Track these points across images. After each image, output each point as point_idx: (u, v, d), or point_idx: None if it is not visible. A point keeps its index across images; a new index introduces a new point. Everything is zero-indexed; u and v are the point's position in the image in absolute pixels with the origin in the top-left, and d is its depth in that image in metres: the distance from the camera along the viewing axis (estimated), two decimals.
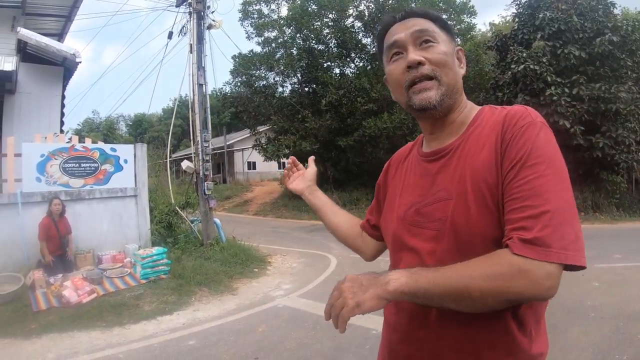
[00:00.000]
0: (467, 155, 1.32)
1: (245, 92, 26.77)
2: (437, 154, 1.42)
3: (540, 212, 1.11)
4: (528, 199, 1.13)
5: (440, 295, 1.13)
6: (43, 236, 8.36)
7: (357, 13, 24.98)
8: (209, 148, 11.44)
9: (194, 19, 11.43)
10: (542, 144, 1.19)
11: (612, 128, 16.93)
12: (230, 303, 7.76)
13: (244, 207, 27.67)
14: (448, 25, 1.46)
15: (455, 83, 1.40)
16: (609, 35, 16.82)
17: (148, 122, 70.11)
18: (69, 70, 12.56)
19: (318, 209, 2.05)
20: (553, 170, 1.16)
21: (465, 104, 1.46)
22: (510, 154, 1.20)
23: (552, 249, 1.08)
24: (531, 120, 1.23)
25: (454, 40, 1.46)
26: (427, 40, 1.38)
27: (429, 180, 1.41)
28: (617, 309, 6.29)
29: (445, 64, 1.37)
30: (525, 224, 1.11)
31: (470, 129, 1.38)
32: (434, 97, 1.36)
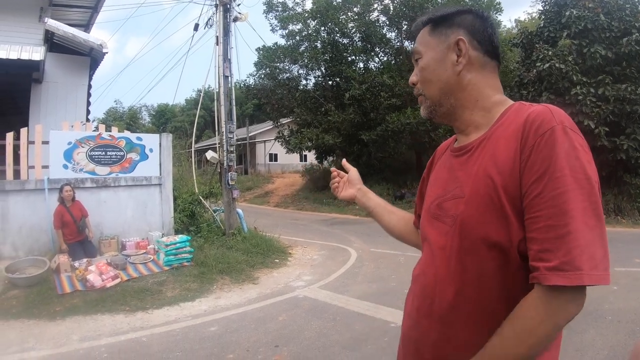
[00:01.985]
0: (485, 156, 1.30)
1: (268, 84, 26.85)
2: (461, 150, 1.43)
3: (566, 232, 1.09)
4: (552, 217, 1.12)
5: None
6: (58, 224, 8.45)
7: (382, 7, 24.84)
8: (233, 139, 11.51)
9: (220, 11, 11.48)
10: (565, 154, 1.14)
11: (638, 130, 16.52)
12: (252, 292, 7.84)
13: (265, 199, 27.77)
14: (442, 21, 1.45)
15: (441, 91, 1.43)
16: (636, 35, 16.44)
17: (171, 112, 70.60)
18: (95, 61, 12.70)
19: (371, 210, 2.04)
20: (577, 183, 1.12)
21: (485, 100, 1.41)
22: (533, 165, 1.17)
23: (583, 272, 1.08)
24: (554, 126, 1.17)
25: (455, 31, 1.41)
26: (417, 59, 1.49)
27: (452, 175, 1.42)
28: (635, 313, 6.21)
29: (424, 80, 1.47)
30: (551, 246, 1.11)
31: (494, 127, 1.35)
32: (423, 112, 1.53)
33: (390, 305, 6.82)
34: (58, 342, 5.48)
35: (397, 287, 7.95)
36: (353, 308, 6.80)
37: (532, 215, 1.15)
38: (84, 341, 5.53)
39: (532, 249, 1.15)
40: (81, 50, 11.99)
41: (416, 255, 1.56)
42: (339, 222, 17.94)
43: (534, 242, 1.14)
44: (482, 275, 1.23)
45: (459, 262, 1.28)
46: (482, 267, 1.23)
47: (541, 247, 1.12)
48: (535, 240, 1.14)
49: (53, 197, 8.71)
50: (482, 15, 1.44)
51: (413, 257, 10.03)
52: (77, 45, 11.68)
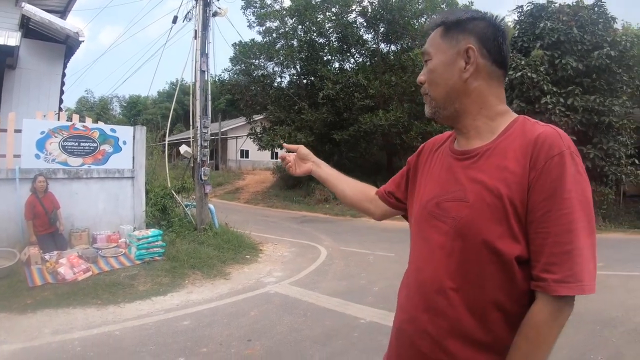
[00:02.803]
0: (492, 165, 1.37)
1: (243, 80, 26.83)
2: (464, 154, 1.48)
3: (571, 249, 1.23)
4: (560, 234, 1.24)
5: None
6: (29, 215, 8.35)
7: (360, 9, 24.95)
8: (207, 134, 11.51)
9: (200, 5, 11.45)
10: (572, 178, 1.26)
11: (604, 140, 17.03)
12: (223, 287, 7.89)
13: (236, 195, 27.70)
14: (459, 24, 1.48)
15: (446, 95, 1.49)
16: (607, 49, 16.90)
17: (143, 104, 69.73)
18: (70, 49, 12.52)
19: (326, 180, 2.14)
20: (581, 204, 1.26)
21: (490, 109, 1.48)
22: (543, 185, 1.28)
23: (584, 283, 1.22)
24: (563, 151, 1.28)
25: (466, 37, 1.45)
26: (427, 60, 1.54)
27: (452, 177, 1.47)
28: (596, 313, 6.41)
29: (431, 81, 1.52)
30: (557, 260, 1.24)
31: (500, 137, 1.42)
32: (427, 111, 1.59)
33: (360, 302, 6.94)
34: (30, 336, 5.45)
35: (366, 285, 8.09)
36: (323, 304, 6.90)
37: (540, 230, 1.28)
38: (56, 334, 5.52)
39: (539, 261, 1.28)
40: (57, 38, 11.81)
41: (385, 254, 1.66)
42: (309, 220, 18.04)
43: (541, 254, 1.28)
44: (482, 275, 1.33)
45: (460, 262, 1.37)
46: (482, 268, 1.33)
47: (548, 260, 1.26)
48: (542, 254, 1.27)
49: (24, 187, 8.60)
50: (494, 23, 1.48)
51: (382, 256, 10.26)
52: (53, 32, 11.50)
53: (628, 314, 6.60)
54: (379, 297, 7.23)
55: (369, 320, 6.12)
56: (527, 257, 1.30)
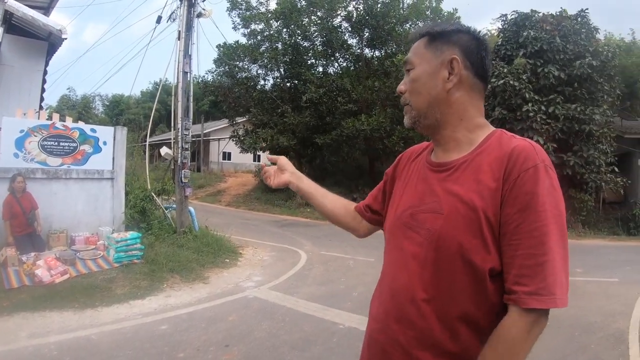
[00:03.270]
0: (468, 178, 1.38)
1: (226, 82, 26.71)
2: (441, 166, 1.49)
3: (543, 261, 1.23)
4: (532, 247, 1.24)
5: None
6: (7, 215, 8.28)
7: (345, 13, 24.96)
8: (189, 136, 11.46)
9: (185, 5, 11.41)
10: (546, 191, 1.27)
11: (584, 148, 17.31)
12: (202, 291, 7.85)
13: (217, 197, 27.56)
14: (443, 34, 1.49)
15: (429, 105, 1.48)
16: (589, 59, 17.21)
17: (125, 103, 69.02)
18: (53, 46, 12.41)
19: (306, 194, 2.08)
20: (554, 218, 1.26)
21: (469, 121, 1.48)
22: (516, 197, 1.28)
23: (556, 296, 1.23)
24: (537, 164, 1.29)
25: (450, 48, 1.46)
26: (408, 69, 1.54)
27: (429, 189, 1.47)
28: (574, 319, 6.52)
29: (413, 90, 1.51)
30: (529, 272, 1.24)
31: (477, 150, 1.42)
32: (407, 120, 1.57)
33: (339, 307, 6.95)
34: (6, 339, 5.38)
35: (345, 290, 8.11)
36: (302, 309, 6.90)
37: (512, 242, 1.28)
38: (32, 338, 5.46)
39: (510, 273, 1.28)
40: (39, 34, 11.69)
41: (365, 259, 1.66)
42: (290, 224, 18.02)
43: (512, 267, 1.28)
44: (454, 286, 1.33)
45: (433, 273, 1.37)
46: (455, 279, 1.33)
47: (519, 272, 1.26)
48: (513, 265, 1.27)
49: (1, 187, 8.48)
50: (478, 37, 1.50)
51: (362, 261, 10.28)
52: (36, 29, 11.37)
53: (607, 320, 6.71)
54: (358, 302, 7.22)
55: (347, 325, 6.12)
56: (500, 269, 1.31)
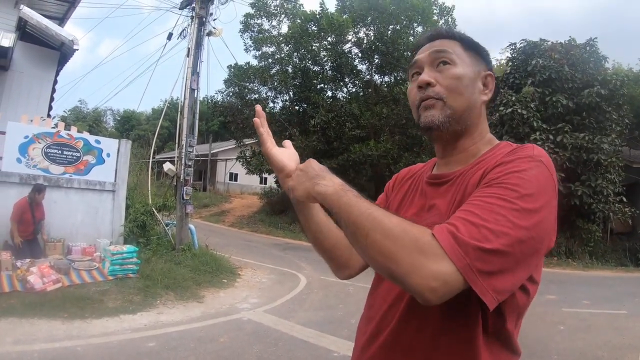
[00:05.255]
0: (465, 183, 1.26)
1: (236, 103, 26.78)
2: (439, 179, 1.39)
3: (483, 225, 1.01)
4: (480, 208, 1.05)
5: (346, 223, 1.13)
6: (16, 217, 8.26)
7: (355, 39, 25.19)
8: (192, 153, 11.41)
9: (195, 23, 11.47)
10: (527, 176, 1.10)
11: (592, 178, 17.37)
12: (195, 310, 7.70)
13: (221, 217, 27.52)
14: (479, 47, 1.42)
15: (467, 109, 1.34)
16: (597, 88, 17.36)
17: (136, 119, 69.44)
18: (64, 56, 12.50)
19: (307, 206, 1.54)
20: (523, 205, 1.05)
21: (484, 134, 1.40)
22: (491, 174, 1.15)
23: (466, 259, 0.98)
24: (531, 154, 1.16)
25: (483, 63, 1.41)
26: (445, 61, 1.35)
27: (427, 203, 1.37)
28: (580, 353, 6.39)
29: (455, 88, 1.33)
30: (461, 225, 1.03)
31: (478, 159, 1.32)
32: (437, 116, 1.33)
33: (335, 334, 6.77)
34: None
35: (343, 317, 7.93)
36: (297, 334, 6.72)
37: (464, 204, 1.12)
38: (17, 344, 5.33)
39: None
40: (52, 43, 11.78)
41: (365, 286, 1.52)
42: (292, 248, 17.87)
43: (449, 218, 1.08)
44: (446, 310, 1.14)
45: None
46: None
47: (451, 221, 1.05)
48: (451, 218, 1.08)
49: (2, 191, 8.49)
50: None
51: (362, 287, 10.00)
52: (49, 38, 11.47)
53: (614, 354, 6.54)
54: (355, 330, 7.01)
55: (342, 354, 5.93)
56: None
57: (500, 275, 1.01)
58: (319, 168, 1.30)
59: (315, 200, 1.26)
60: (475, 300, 1.05)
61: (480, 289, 0.99)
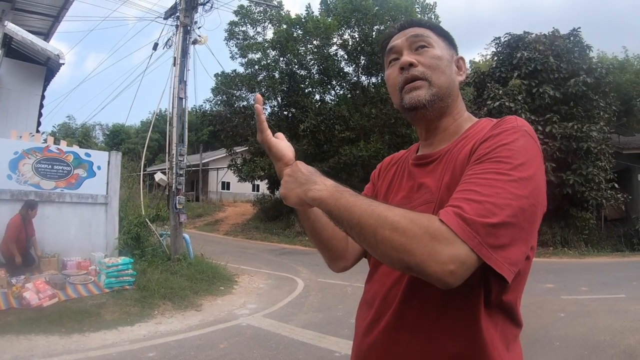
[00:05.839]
0: (454, 160, 1.28)
1: (224, 111, 26.78)
2: (425, 159, 1.41)
3: (485, 201, 1.04)
4: (479, 186, 1.07)
5: (350, 225, 1.12)
6: (14, 237, 8.23)
7: (341, 42, 25.27)
8: (183, 162, 11.37)
9: (180, 32, 11.46)
10: (515, 147, 1.13)
11: (583, 166, 17.54)
12: (194, 319, 7.67)
13: (215, 227, 27.49)
14: (448, 35, 1.49)
15: (449, 86, 1.39)
16: (583, 77, 17.56)
17: (126, 133, 69.22)
18: (51, 71, 12.43)
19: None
20: (518, 175, 1.08)
21: (462, 113, 1.44)
22: (480, 150, 1.17)
23: (478, 238, 1.00)
24: (515, 125, 1.18)
25: (454, 48, 1.48)
26: (422, 45, 1.40)
27: (416, 183, 1.38)
28: (582, 338, 6.42)
29: (437, 67, 1.37)
30: (466, 204, 1.04)
31: (462, 135, 1.36)
32: (424, 95, 1.35)
33: (336, 334, 6.75)
34: None
35: (343, 317, 7.90)
36: (297, 337, 6.69)
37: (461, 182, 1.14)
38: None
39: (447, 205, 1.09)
40: (38, 59, 11.71)
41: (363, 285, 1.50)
42: (288, 252, 17.86)
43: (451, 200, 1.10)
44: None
45: None
46: None
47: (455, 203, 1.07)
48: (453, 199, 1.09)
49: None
50: None
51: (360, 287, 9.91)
52: (35, 53, 11.39)
53: (616, 337, 6.56)
54: None
55: (344, 353, 5.90)
56: None
57: (513, 246, 1.04)
58: (308, 172, 1.29)
59: (309, 206, 1.26)
60: (478, 273, 1.06)
61: (496, 263, 1.01)
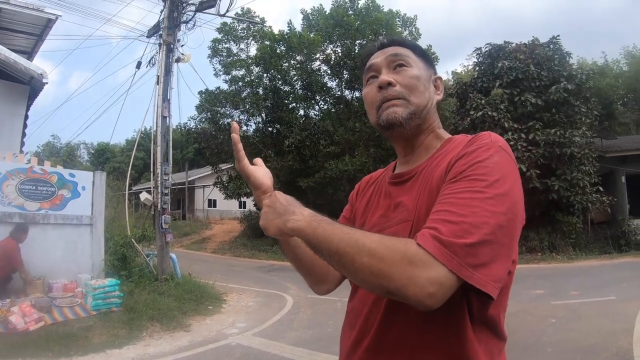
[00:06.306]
0: (430, 178, 1.28)
1: (209, 129, 26.77)
2: (402, 177, 1.42)
3: (462, 221, 1.04)
4: (455, 206, 1.08)
5: (329, 253, 1.13)
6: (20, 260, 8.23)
7: (324, 57, 25.43)
8: (168, 181, 11.31)
9: (164, 50, 11.44)
10: (491, 164, 1.14)
11: (567, 171, 17.80)
12: (183, 340, 7.59)
13: (202, 245, 27.38)
14: (426, 54, 1.51)
15: (426, 105, 1.42)
16: (564, 84, 17.90)
17: (111, 152, 68.91)
18: (34, 90, 12.28)
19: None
20: (494, 192, 1.08)
21: (438, 130, 1.47)
22: (456, 167, 1.17)
23: (456, 259, 1.00)
24: (489, 142, 1.19)
25: (432, 68, 1.50)
26: (401, 64, 1.43)
27: (393, 202, 1.39)
28: (574, 343, 6.45)
29: (415, 87, 1.40)
30: (442, 226, 1.05)
31: (437, 152, 1.37)
32: (401, 113, 1.37)
33: (327, 351, 6.70)
34: None
35: (333, 333, 7.85)
36: (288, 355, 6.65)
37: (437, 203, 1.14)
38: None
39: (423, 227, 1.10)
40: (21, 78, 11.57)
41: None
42: (276, 269, 17.80)
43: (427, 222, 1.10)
44: None
45: None
46: None
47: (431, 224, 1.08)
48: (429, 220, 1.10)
49: None
50: None
51: None
52: (17, 72, 11.25)
53: (608, 340, 6.59)
54: None
55: None
56: None
57: (495, 263, 1.05)
58: (286, 202, 1.29)
59: (289, 236, 1.29)
60: (459, 291, 1.05)
61: (479, 282, 1.02)
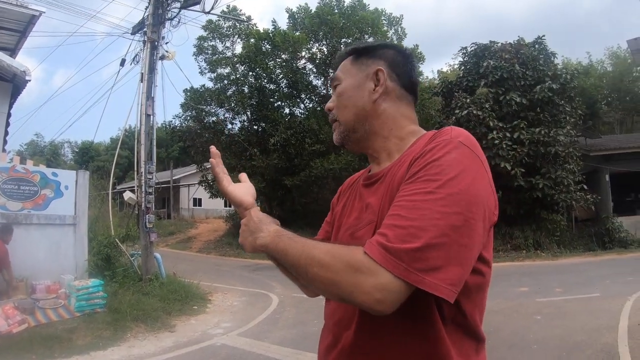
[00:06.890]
0: (393, 179, 1.27)
1: (194, 127, 26.65)
2: (371, 179, 1.42)
3: (410, 225, 1.04)
4: (405, 209, 1.08)
5: (289, 267, 1.22)
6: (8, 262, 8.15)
7: (309, 55, 25.42)
8: (152, 180, 11.25)
9: (148, 48, 11.37)
10: (446, 162, 1.11)
11: (552, 169, 17.99)
12: (167, 340, 7.56)
13: (188, 244, 27.27)
14: (368, 49, 1.49)
15: (356, 117, 1.43)
16: (549, 83, 18.10)
17: (95, 150, 68.36)
18: (17, 88, 12.10)
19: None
20: (446, 192, 1.06)
21: (399, 130, 1.41)
22: (412, 168, 1.17)
23: (402, 264, 1.01)
24: (448, 138, 1.17)
25: (376, 61, 1.44)
26: (336, 85, 1.50)
27: (363, 204, 1.39)
28: (560, 339, 6.50)
29: (340, 105, 1.47)
30: (390, 231, 1.06)
31: (404, 153, 1.35)
32: (336, 137, 1.50)
33: (312, 350, 6.64)
34: None
35: (318, 332, 7.68)
36: (273, 355, 6.64)
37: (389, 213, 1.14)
38: None
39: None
40: (4, 76, 11.40)
41: None
42: (262, 268, 17.74)
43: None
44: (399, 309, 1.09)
45: None
46: None
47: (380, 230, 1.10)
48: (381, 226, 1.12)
49: None
50: (403, 52, 1.50)
51: None
52: (0, 70, 11.16)
53: (593, 336, 6.65)
54: None
55: None
56: None
57: (450, 266, 1.03)
58: (258, 220, 1.35)
59: (261, 252, 1.32)
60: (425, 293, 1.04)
61: (430, 286, 1.01)
